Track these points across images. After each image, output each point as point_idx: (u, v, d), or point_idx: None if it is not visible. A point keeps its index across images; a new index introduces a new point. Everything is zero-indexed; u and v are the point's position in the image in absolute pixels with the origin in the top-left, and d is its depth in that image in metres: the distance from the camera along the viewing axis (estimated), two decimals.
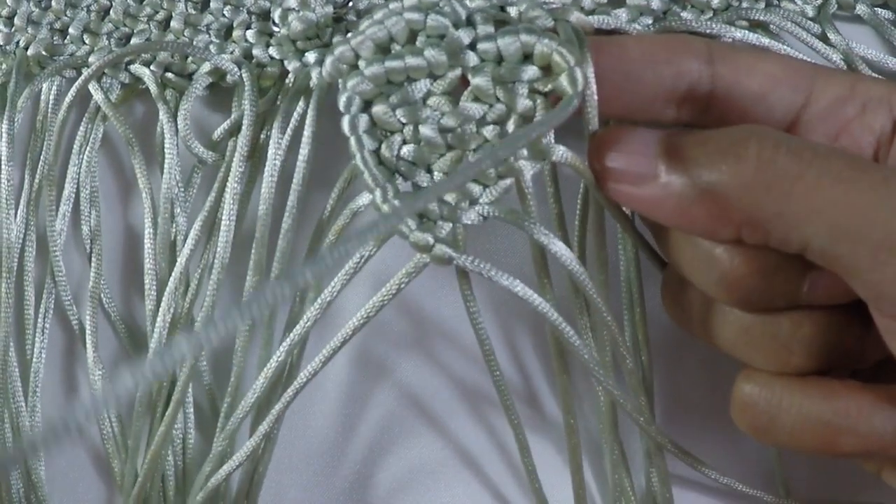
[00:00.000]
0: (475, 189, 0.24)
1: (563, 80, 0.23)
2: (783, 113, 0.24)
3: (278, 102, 0.31)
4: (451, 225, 0.24)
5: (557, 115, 0.23)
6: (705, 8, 0.30)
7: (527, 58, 0.24)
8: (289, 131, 0.30)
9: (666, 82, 0.24)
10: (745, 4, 0.31)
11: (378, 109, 0.25)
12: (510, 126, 0.24)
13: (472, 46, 0.24)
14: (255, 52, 0.32)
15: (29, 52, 0.32)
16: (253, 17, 0.33)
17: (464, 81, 0.25)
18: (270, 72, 0.31)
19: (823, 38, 0.30)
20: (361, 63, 0.25)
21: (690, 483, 0.29)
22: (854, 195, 0.20)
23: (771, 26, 0.30)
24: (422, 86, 0.25)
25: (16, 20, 0.33)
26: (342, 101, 0.25)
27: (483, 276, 0.24)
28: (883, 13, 0.31)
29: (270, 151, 0.29)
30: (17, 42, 0.33)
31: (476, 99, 0.24)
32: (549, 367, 0.30)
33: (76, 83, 0.31)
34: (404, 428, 0.31)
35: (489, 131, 0.24)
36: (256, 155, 0.31)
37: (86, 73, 0.31)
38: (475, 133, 0.24)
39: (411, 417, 0.31)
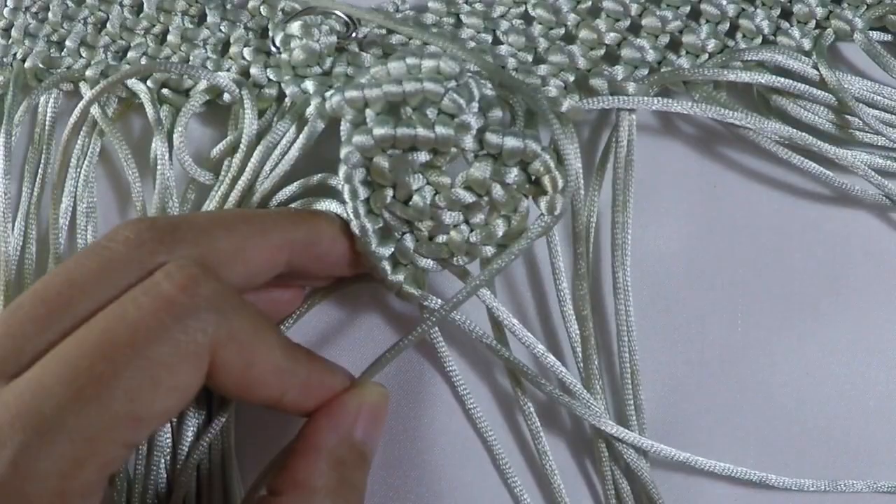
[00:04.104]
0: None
1: (542, 204, 0.26)
2: None
3: (272, 124, 0.31)
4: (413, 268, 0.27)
5: (528, 241, 0.26)
6: (700, 52, 0.30)
7: (521, 161, 0.26)
8: (275, 156, 0.30)
9: None
10: (741, 45, 0.31)
11: (377, 166, 0.26)
12: (492, 218, 0.27)
13: (478, 131, 0.26)
14: (253, 71, 0.32)
15: (26, 65, 0.33)
16: (250, 32, 0.33)
17: None
18: (268, 94, 0.31)
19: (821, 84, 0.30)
20: (369, 115, 0.26)
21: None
22: None
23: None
24: (422, 156, 0.26)
25: (13, 32, 0.33)
26: (344, 152, 0.26)
27: None
28: (877, 36, 0.32)
29: (246, 175, 0.30)
30: (15, 54, 0.33)
31: (468, 188, 0.26)
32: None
33: (77, 108, 0.31)
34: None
35: (473, 216, 0.27)
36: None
37: (86, 97, 0.31)
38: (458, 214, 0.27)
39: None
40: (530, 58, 0.31)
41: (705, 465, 0.28)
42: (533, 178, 0.26)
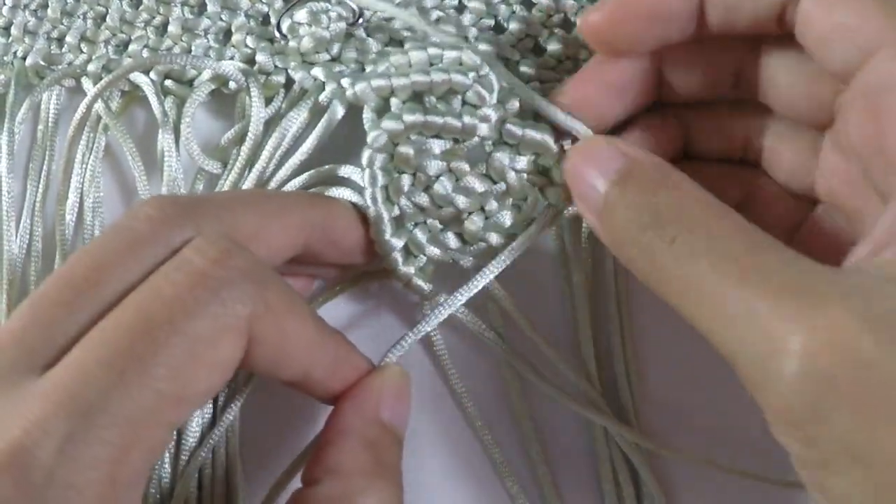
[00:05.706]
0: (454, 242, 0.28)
1: (550, 193, 0.27)
2: (839, 70, 0.22)
3: (280, 111, 0.31)
4: (424, 258, 0.27)
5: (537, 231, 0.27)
6: None
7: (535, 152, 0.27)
8: (286, 143, 0.30)
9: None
10: None
11: (401, 152, 0.26)
12: (505, 205, 0.27)
13: (497, 122, 0.26)
14: (260, 58, 0.31)
15: (27, 63, 0.32)
16: (251, 20, 0.32)
17: None
18: (275, 81, 0.31)
19: None
20: (394, 103, 0.27)
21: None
22: None
23: None
24: (441, 144, 0.26)
25: (12, 31, 0.33)
26: (373, 135, 0.26)
27: None
28: None
29: (261, 163, 0.30)
30: (15, 53, 0.33)
31: (486, 175, 0.27)
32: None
33: (81, 104, 0.31)
34: None
35: (489, 202, 0.27)
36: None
37: (91, 93, 0.30)
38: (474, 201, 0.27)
39: None
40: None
41: (705, 463, 0.28)
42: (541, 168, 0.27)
